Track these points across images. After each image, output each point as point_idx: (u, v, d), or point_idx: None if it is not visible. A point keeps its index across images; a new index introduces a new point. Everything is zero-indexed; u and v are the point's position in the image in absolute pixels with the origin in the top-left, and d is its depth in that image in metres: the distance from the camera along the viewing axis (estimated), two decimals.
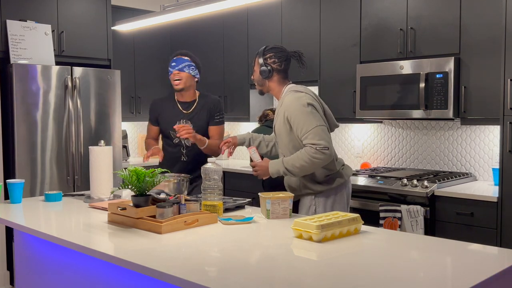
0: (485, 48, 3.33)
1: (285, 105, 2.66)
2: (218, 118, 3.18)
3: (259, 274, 1.57)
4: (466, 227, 3.15)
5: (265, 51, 2.76)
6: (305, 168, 2.55)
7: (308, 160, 2.52)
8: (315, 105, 2.66)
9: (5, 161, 4.18)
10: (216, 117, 3.18)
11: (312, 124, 2.56)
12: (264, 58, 2.74)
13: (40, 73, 4.15)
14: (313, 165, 2.53)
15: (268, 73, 2.73)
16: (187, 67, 3.09)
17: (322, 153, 2.52)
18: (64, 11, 4.54)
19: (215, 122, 3.17)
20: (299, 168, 2.56)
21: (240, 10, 4.86)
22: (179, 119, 3.17)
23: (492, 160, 3.65)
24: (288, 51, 2.82)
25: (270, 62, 2.74)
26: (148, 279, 1.95)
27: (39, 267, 2.61)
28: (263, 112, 4.14)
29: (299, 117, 2.58)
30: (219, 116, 3.18)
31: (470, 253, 1.80)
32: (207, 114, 3.17)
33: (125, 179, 2.25)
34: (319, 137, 2.53)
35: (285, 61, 2.78)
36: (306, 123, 2.56)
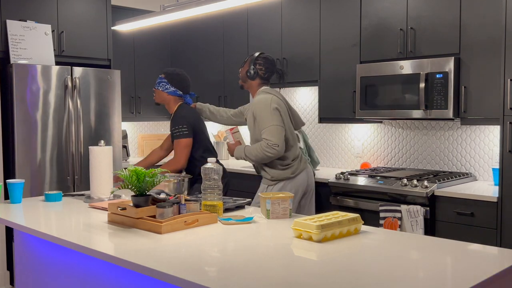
0: (485, 48, 3.33)
1: (254, 102, 3.17)
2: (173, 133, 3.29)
3: (259, 274, 1.57)
4: (466, 227, 3.15)
5: (258, 57, 3.26)
6: (258, 157, 3.10)
7: (260, 152, 3.06)
8: (280, 107, 3.14)
9: (5, 161, 4.18)
10: (172, 132, 3.30)
11: (270, 122, 3.06)
12: (255, 62, 3.25)
13: (40, 73, 4.15)
14: (264, 156, 3.07)
15: (252, 75, 3.25)
16: (158, 84, 3.38)
17: (272, 149, 3.04)
18: (64, 11, 4.54)
19: (172, 136, 3.30)
20: (255, 157, 3.11)
21: (240, 10, 4.86)
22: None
23: (492, 160, 3.65)
24: (276, 66, 3.36)
25: (258, 67, 3.26)
26: (148, 279, 1.95)
27: (39, 267, 2.61)
28: None
29: (262, 114, 3.08)
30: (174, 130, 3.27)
31: (470, 253, 1.80)
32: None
33: (125, 179, 2.25)
34: (271, 135, 3.04)
35: (270, 72, 3.29)
36: (266, 120, 3.07)
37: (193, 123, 3.31)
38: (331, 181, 3.79)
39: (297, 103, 4.85)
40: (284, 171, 3.20)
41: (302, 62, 4.37)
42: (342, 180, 3.72)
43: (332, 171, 4.32)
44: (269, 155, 3.05)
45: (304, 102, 4.80)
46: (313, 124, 4.75)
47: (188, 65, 5.43)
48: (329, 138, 4.64)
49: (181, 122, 3.27)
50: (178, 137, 3.26)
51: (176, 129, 3.26)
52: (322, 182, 3.88)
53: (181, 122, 3.27)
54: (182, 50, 5.53)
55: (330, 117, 4.23)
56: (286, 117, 3.18)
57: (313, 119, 4.74)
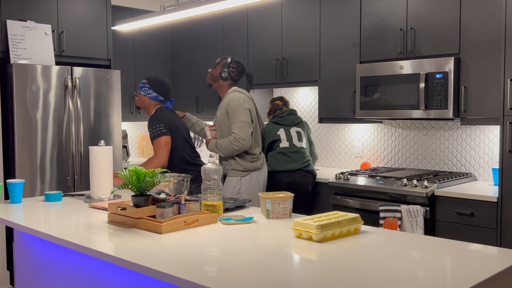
0: (485, 48, 3.33)
1: (228, 99, 3.40)
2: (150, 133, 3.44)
3: (259, 274, 1.57)
4: (466, 227, 3.15)
5: (232, 61, 3.51)
6: (226, 150, 3.34)
7: (228, 145, 3.31)
8: (250, 107, 3.40)
9: (5, 161, 4.18)
10: (150, 133, 3.44)
11: (240, 118, 3.31)
12: (228, 65, 3.49)
13: (40, 73, 4.15)
14: (231, 149, 3.31)
15: (225, 77, 3.49)
16: (140, 88, 3.52)
17: (239, 142, 3.28)
18: (64, 11, 4.54)
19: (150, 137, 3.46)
20: (224, 149, 3.34)
21: (240, 10, 4.86)
22: None
23: (492, 160, 3.65)
24: (246, 71, 3.61)
25: (230, 70, 3.49)
26: (148, 279, 1.95)
27: (39, 267, 2.61)
28: (271, 104, 4.12)
29: (235, 110, 3.33)
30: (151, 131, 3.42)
31: (470, 253, 1.80)
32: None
33: (125, 179, 2.25)
34: (240, 130, 3.29)
35: (240, 75, 3.55)
36: (237, 116, 3.31)
37: (169, 123, 3.45)
38: (331, 181, 3.79)
39: (297, 103, 4.85)
40: (253, 163, 3.46)
41: (302, 62, 4.37)
42: (342, 180, 3.72)
43: (332, 171, 4.32)
44: (235, 148, 3.30)
45: (304, 102, 4.80)
46: (313, 124, 4.75)
47: (188, 65, 5.43)
48: (329, 138, 4.64)
49: (157, 122, 3.42)
50: (157, 136, 3.40)
51: (153, 129, 3.41)
52: (322, 182, 3.88)
53: (157, 122, 3.43)
54: (182, 50, 5.53)
55: (330, 117, 4.23)
56: (255, 117, 3.47)
57: (313, 119, 4.74)
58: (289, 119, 3.93)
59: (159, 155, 3.38)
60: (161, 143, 3.39)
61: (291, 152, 3.80)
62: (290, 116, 3.96)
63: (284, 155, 3.78)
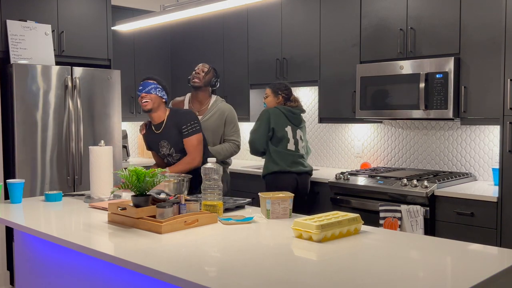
0: (485, 48, 3.33)
1: (225, 108, 3.69)
2: (185, 130, 3.20)
3: (259, 274, 1.57)
4: (466, 227, 3.15)
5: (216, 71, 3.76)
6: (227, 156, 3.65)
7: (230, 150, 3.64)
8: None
9: (5, 161, 4.18)
10: (184, 130, 3.20)
11: (238, 127, 3.72)
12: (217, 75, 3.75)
13: (40, 73, 4.15)
14: (233, 154, 3.68)
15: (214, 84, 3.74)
16: (154, 89, 3.22)
17: (238, 148, 3.69)
18: (64, 11, 4.54)
19: (184, 135, 3.21)
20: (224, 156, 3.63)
21: (240, 10, 4.86)
22: (158, 141, 3.24)
23: (492, 160, 3.65)
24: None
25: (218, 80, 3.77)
26: (148, 279, 1.95)
27: (39, 267, 2.61)
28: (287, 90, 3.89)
29: (234, 121, 3.70)
30: (185, 128, 3.20)
31: (470, 253, 1.80)
32: (177, 130, 3.20)
33: (125, 179, 2.25)
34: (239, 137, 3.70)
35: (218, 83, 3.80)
36: (236, 125, 3.71)
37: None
38: (331, 181, 3.79)
39: None
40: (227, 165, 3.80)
41: (302, 62, 4.37)
42: (342, 180, 3.72)
43: (332, 171, 4.32)
44: (237, 152, 3.70)
45: (304, 102, 4.80)
46: (313, 124, 4.75)
47: (188, 65, 5.43)
48: (329, 138, 4.64)
49: (192, 118, 3.23)
50: (191, 134, 3.19)
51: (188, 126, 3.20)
52: (322, 182, 3.89)
53: (191, 118, 3.22)
54: (182, 50, 5.53)
55: (330, 117, 4.23)
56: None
57: (313, 119, 4.74)
58: (299, 119, 3.85)
59: (193, 154, 3.19)
60: (196, 141, 3.20)
61: (297, 155, 3.76)
62: (300, 116, 3.88)
63: (292, 157, 3.74)
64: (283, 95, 3.85)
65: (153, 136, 3.27)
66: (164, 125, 3.22)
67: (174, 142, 3.21)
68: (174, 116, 3.26)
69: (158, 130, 3.23)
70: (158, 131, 3.24)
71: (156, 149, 3.30)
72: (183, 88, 5.51)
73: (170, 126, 3.22)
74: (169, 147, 3.23)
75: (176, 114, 3.26)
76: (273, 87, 3.90)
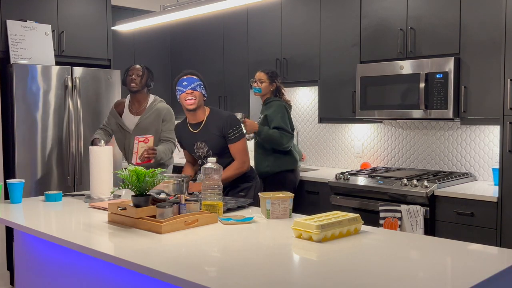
0: (485, 48, 3.33)
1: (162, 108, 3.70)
2: (231, 136, 3.03)
3: (259, 274, 1.57)
4: (466, 227, 3.15)
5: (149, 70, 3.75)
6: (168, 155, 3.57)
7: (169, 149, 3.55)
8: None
9: (5, 161, 4.18)
10: (230, 136, 3.03)
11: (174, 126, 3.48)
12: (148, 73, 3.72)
13: (40, 73, 4.15)
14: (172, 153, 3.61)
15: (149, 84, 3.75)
16: (199, 86, 3.02)
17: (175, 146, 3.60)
18: (64, 11, 4.54)
19: (230, 140, 3.04)
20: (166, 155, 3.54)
21: (240, 10, 4.86)
22: (194, 141, 3.10)
23: (492, 160, 3.65)
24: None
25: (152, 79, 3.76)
26: (148, 279, 1.95)
27: (39, 267, 2.61)
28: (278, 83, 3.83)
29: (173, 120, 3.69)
30: (232, 133, 3.03)
31: (470, 253, 1.80)
32: (219, 133, 3.03)
33: (125, 179, 2.25)
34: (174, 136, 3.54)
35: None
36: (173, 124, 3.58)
37: None
38: (331, 181, 3.79)
39: (297, 103, 4.85)
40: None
41: (302, 62, 4.37)
42: (342, 180, 3.72)
43: (332, 171, 4.32)
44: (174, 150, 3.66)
45: (304, 102, 4.80)
46: (313, 124, 4.75)
47: (188, 65, 5.43)
48: (329, 138, 4.64)
49: (237, 122, 3.08)
50: (239, 138, 3.04)
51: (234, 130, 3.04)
52: (322, 182, 3.88)
53: (237, 122, 3.07)
54: (182, 50, 5.53)
55: (330, 117, 4.23)
56: None
57: (313, 119, 4.74)
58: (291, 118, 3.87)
59: (243, 158, 3.04)
60: (242, 146, 3.05)
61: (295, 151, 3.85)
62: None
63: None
64: (278, 83, 3.83)
65: (189, 136, 3.12)
66: (203, 125, 3.06)
67: (212, 144, 3.05)
68: (215, 118, 3.06)
69: (195, 130, 3.08)
70: (195, 131, 3.08)
71: (190, 150, 3.16)
72: None
73: (210, 128, 3.05)
74: (207, 149, 3.07)
75: (219, 117, 3.06)
76: (270, 73, 3.81)
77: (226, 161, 3.05)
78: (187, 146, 3.19)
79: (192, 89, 2.98)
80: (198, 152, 3.11)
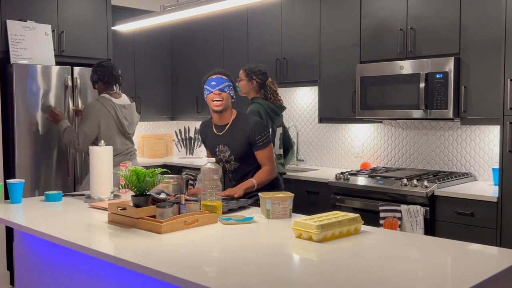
0: (485, 48, 3.33)
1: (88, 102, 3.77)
2: (260, 142, 2.88)
3: (259, 274, 1.57)
4: (466, 227, 3.15)
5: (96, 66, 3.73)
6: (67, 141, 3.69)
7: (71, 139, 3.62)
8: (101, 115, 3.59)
9: (5, 161, 4.18)
10: (258, 142, 2.88)
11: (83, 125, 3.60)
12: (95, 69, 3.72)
13: (40, 73, 4.15)
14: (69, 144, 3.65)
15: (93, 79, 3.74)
16: (227, 87, 2.87)
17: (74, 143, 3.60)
18: (64, 11, 4.54)
19: (258, 146, 2.89)
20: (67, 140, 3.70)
21: (240, 10, 4.86)
22: (217, 144, 2.97)
23: (492, 160, 3.65)
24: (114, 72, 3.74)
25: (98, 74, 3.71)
26: (148, 279, 1.95)
27: (39, 267, 2.61)
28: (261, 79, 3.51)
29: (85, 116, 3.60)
30: (260, 140, 2.87)
31: (470, 253, 1.80)
32: (244, 139, 2.88)
33: (125, 179, 2.25)
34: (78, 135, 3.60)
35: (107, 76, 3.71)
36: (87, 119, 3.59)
37: None
38: (331, 181, 3.79)
39: (297, 103, 4.85)
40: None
41: (302, 62, 4.37)
42: (342, 180, 3.72)
43: (332, 171, 4.32)
44: (71, 145, 3.65)
45: (304, 102, 4.80)
46: (313, 124, 4.75)
47: (188, 65, 5.43)
48: (329, 138, 4.64)
49: (265, 127, 2.94)
50: (266, 145, 2.89)
51: (264, 135, 2.89)
52: (322, 182, 3.88)
53: (265, 127, 2.93)
54: (182, 50, 5.53)
55: (330, 117, 4.23)
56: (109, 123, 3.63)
57: (313, 119, 4.74)
58: (280, 119, 3.58)
59: (272, 165, 2.93)
60: (271, 152, 2.93)
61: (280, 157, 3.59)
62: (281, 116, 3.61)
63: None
64: (258, 80, 3.48)
65: (212, 137, 3.00)
66: (228, 128, 2.92)
67: (236, 149, 2.92)
68: (242, 123, 2.91)
69: (219, 133, 2.95)
70: (219, 133, 2.95)
71: (212, 152, 3.03)
72: (183, 88, 5.51)
73: (235, 132, 2.91)
74: (229, 153, 2.94)
75: (246, 123, 2.91)
76: (247, 69, 3.53)
77: (248, 168, 2.94)
78: (209, 148, 3.06)
79: (220, 90, 2.83)
80: (220, 155, 2.98)
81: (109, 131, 3.65)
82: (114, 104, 3.68)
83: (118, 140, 3.71)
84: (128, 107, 3.79)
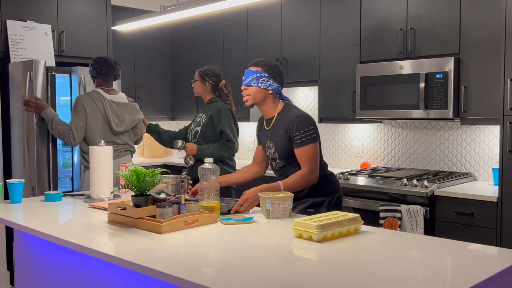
0: (485, 48, 3.33)
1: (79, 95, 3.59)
2: (297, 139, 2.60)
3: (259, 274, 1.57)
4: (466, 227, 3.15)
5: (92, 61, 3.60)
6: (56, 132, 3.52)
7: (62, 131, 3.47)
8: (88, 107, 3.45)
9: (5, 161, 4.18)
10: (296, 139, 2.60)
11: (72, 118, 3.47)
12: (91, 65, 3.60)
13: None
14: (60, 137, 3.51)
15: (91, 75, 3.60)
16: (255, 79, 2.64)
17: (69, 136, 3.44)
18: (64, 11, 4.54)
19: (296, 144, 2.61)
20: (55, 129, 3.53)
21: (240, 10, 4.86)
22: (266, 139, 2.77)
23: (492, 160, 3.65)
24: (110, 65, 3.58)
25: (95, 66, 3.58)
26: (148, 279, 1.95)
27: (39, 267, 2.61)
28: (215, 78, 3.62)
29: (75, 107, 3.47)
30: (298, 136, 2.59)
31: (470, 253, 1.80)
32: (284, 133, 2.64)
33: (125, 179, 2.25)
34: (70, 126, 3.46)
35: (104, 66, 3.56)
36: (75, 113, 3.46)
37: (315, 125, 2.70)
38: None
39: (297, 103, 4.85)
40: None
41: (302, 62, 4.37)
42: (342, 180, 3.72)
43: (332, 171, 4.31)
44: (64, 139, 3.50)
45: (304, 102, 4.80)
46: None
47: (188, 65, 5.43)
48: (329, 138, 4.64)
49: (309, 123, 2.62)
50: (305, 143, 2.59)
51: (304, 132, 2.60)
52: None
53: (308, 123, 2.62)
54: (182, 50, 5.53)
55: (330, 117, 4.23)
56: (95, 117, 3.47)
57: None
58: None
59: (311, 166, 2.60)
60: (311, 152, 2.60)
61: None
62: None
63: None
64: (211, 82, 3.57)
65: (263, 132, 2.82)
66: (273, 123, 2.71)
67: (279, 146, 2.68)
68: (284, 117, 2.67)
69: (267, 127, 2.75)
70: (268, 128, 2.75)
71: (264, 147, 2.82)
72: (183, 88, 5.51)
73: (279, 127, 2.68)
74: (274, 150, 2.71)
75: (287, 116, 2.66)
76: (201, 71, 3.60)
77: (292, 169, 2.65)
78: (262, 144, 2.85)
79: (246, 85, 2.67)
80: (267, 152, 2.76)
81: (93, 125, 3.49)
82: (105, 99, 3.52)
83: (102, 136, 3.50)
84: (123, 105, 3.63)
